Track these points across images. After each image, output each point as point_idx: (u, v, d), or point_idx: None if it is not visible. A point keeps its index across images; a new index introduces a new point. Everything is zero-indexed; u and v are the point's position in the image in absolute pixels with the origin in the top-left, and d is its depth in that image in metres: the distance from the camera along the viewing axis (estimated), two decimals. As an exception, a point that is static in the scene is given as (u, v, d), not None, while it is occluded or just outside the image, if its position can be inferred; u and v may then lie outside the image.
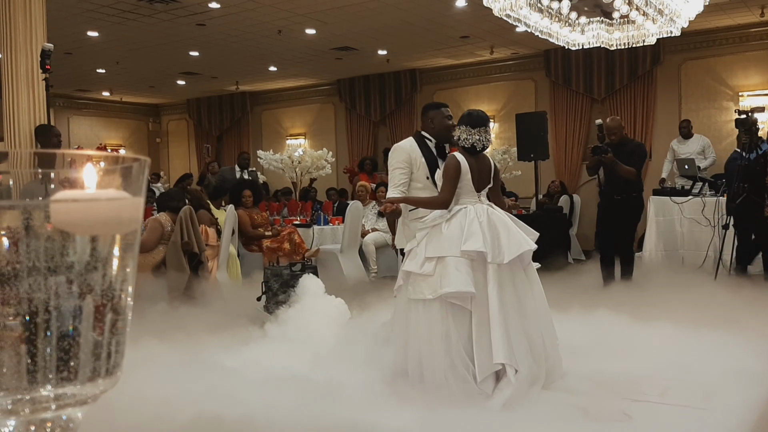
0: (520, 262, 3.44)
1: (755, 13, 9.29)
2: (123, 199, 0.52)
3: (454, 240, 3.37)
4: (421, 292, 3.39)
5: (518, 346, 3.29)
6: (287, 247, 7.34)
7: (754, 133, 6.22)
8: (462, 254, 3.33)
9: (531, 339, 3.38)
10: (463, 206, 3.51)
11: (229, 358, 3.89)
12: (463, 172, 3.56)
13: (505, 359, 3.23)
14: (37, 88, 5.76)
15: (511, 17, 6.62)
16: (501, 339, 3.24)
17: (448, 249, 3.35)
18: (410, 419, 2.97)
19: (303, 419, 2.91)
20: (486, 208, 3.52)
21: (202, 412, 2.85)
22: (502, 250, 3.35)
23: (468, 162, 3.59)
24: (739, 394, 3.23)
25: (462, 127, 3.65)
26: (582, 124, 11.27)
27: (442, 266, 3.34)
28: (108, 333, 0.52)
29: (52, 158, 0.56)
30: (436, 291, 3.32)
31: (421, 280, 3.40)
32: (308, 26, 9.31)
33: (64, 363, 0.49)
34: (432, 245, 3.42)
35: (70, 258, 0.49)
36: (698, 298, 5.15)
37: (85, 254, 0.50)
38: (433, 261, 3.38)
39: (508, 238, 3.38)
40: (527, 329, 3.37)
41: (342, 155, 13.15)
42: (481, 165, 3.66)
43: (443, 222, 3.47)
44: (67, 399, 0.50)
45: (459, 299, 3.32)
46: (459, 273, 3.30)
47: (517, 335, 3.31)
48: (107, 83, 13.31)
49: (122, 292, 0.53)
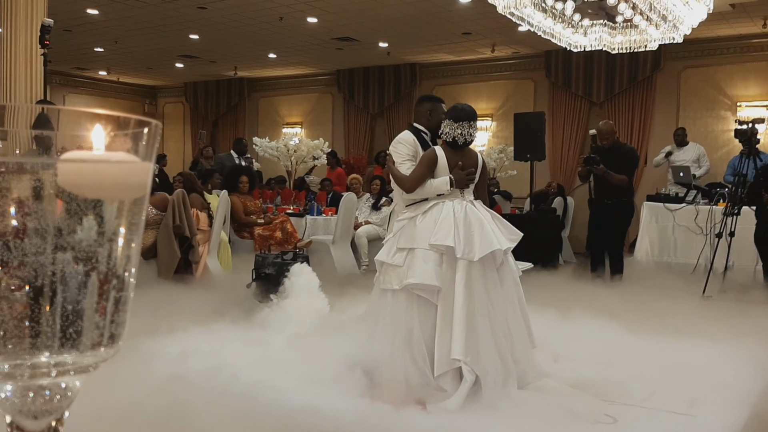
0: (493, 261, 3.40)
1: (758, 24, 9.31)
2: (132, 162, 0.50)
3: (425, 233, 3.37)
4: (389, 282, 3.40)
5: (483, 344, 3.26)
6: (279, 236, 7.31)
7: (753, 145, 6.26)
8: (431, 247, 3.33)
9: (497, 338, 3.33)
10: (441, 201, 3.48)
11: (212, 343, 3.86)
12: (440, 166, 3.54)
13: (461, 356, 3.20)
14: (35, 63, 5.71)
15: (514, 15, 6.61)
16: (460, 336, 3.22)
17: (419, 241, 3.37)
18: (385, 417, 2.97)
19: (259, 405, 2.91)
20: (466, 204, 3.48)
21: (178, 395, 2.84)
22: (473, 247, 3.32)
23: (448, 156, 3.57)
24: (725, 401, 3.24)
25: (446, 121, 3.64)
26: (580, 127, 11.28)
27: (411, 258, 3.36)
28: (111, 303, 0.50)
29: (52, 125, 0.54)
30: (402, 281, 3.33)
31: (391, 271, 3.41)
32: (310, 14, 9.26)
33: (65, 330, 0.47)
34: (404, 237, 3.44)
35: (76, 223, 0.48)
36: (687, 308, 5.17)
37: (92, 220, 0.48)
38: (404, 252, 3.39)
39: (481, 236, 3.35)
40: (494, 328, 3.33)
41: (338, 146, 13.12)
42: (465, 160, 3.62)
43: (419, 215, 3.47)
44: (67, 366, 0.48)
45: (425, 292, 3.32)
46: (426, 265, 3.30)
47: (483, 333, 3.27)
48: (105, 62, 13.22)
49: (127, 262, 0.51)
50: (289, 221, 7.52)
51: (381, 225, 8.24)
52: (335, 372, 3.36)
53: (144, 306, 4.20)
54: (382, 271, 3.50)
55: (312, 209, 8.31)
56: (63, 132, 0.51)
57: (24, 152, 0.57)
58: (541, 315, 4.34)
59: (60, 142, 0.51)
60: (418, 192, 3.58)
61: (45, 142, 0.51)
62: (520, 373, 3.40)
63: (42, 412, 0.49)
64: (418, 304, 3.33)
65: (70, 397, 0.51)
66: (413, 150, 3.79)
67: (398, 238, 3.47)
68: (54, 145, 0.51)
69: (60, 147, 0.51)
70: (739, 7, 8.42)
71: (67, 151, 0.50)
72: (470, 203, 3.51)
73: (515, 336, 3.43)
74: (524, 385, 3.39)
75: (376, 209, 8.36)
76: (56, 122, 0.52)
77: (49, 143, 0.51)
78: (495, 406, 3.15)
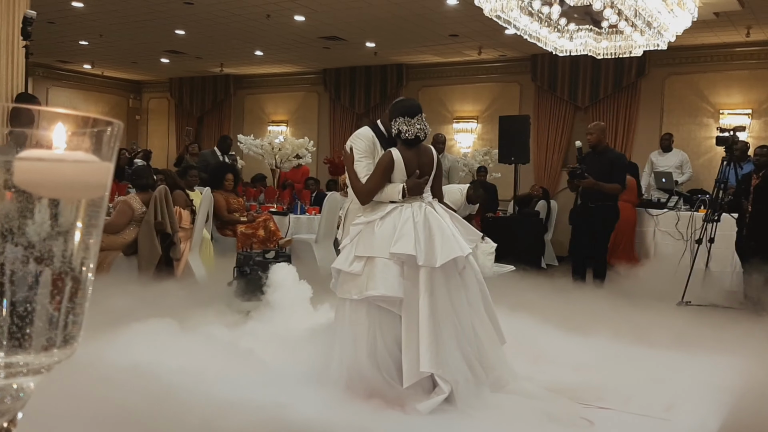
0: (455, 266, 3.25)
1: (741, 33, 9.40)
2: (91, 162, 0.50)
3: (385, 240, 3.21)
4: (348, 291, 3.25)
5: (450, 353, 3.15)
6: (262, 234, 7.28)
7: (734, 152, 6.32)
8: (391, 256, 3.19)
9: (463, 346, 3.23)
10: (400, 205, 3.34)
11: (191, 341, 3.85)
12: (397, 169, 3.40)
13: (432, 368, 3.08)
14: (16, 55, 5.65)
15: (501, 19, 6.63)
16: (429, 347, 3.08)
17: (379, 249, 3.21)
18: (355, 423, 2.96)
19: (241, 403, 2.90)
20: (425, 207, 3.33)
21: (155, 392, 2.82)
22: (435, 253, 3.16)
23: (405, 156, 3.41)
24: (702, 406, 3.27)
25: (400, 119, 3.41)
26: (564, 131, 11.34)
27: (371, 267, 3.20)
28: (66, 303, 0.49)
29: (30, 118, 0.53)
30: (362, 292, 3.18)
31: (350, 279, 3.26)
32: (298, 13, 9.24)
33: (17, 331, 0.47)
34: (362, 243, 3.27)
35: (30, 221, 0.47)
36: (665, 313, 5.21)
37: (46, 218, 0.47)
38: (363, 260, 3.23)
39: (442, 241, 3.20)
40: (459, 336, 3.22)
41: (323, 145, 13.10)
42: (422, 158, 3.46)
43: (377, 219, 3.30)
44: (18, 367, 0.47)
45: (386, 303, 3.18)
46: (387, 275, 3.16)
47: (448, 342, 3.16)
48: (89, 56, 13.11)
49: (84, 261, 0.50)
50: (272, 219, 7.49)
51: (364, 225, 8.23)
52: (308, 374, 3.35)
53: (121, 302, 4.17)
54: (339, 280, 3.34)
55: (295, 208, 8.29)
56: (38, 130, 0.51)
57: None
58: (519, 318, 4.35)
59: (36, 138, 0.50)
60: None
61: (19, 138, 0.50)
62: (494, 378, 3.33)
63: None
64: (381, 314, 3.21)
65: (23, 399, 0.50)
66: (370, 146, 3.59)
67: (356, 244, 3.30)
68: (28, 142, 0.50)
69: (35, 142, 0.50)
70: (723, 16, 8.50)
71: (43, 147, 0.50)
72: (429, 205, 3.37)
73: (484, 341, 3.33)
74: (499, 388, 3.34)
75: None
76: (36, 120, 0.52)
77: (23, 139, 0.50)
78: (470, 409, 3.14)
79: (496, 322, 3.46)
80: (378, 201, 3.41)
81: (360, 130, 3.69)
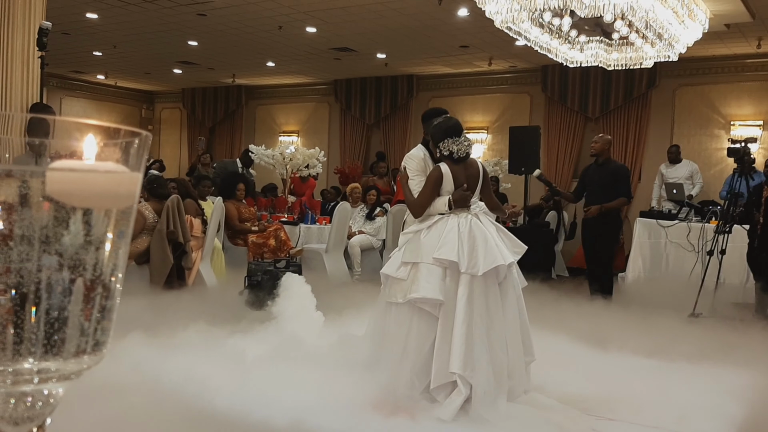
0: (496, 276, 3.41)
1: (752, 45, 9.38)
2: (121, 172, 0.51)
3: (430, 247, 3.40)
4: (394, 295, 3.45)
5: (479, 358, 3.27)
6: (273, 244, 7.31)
7: (745, 163, 6.29)
8: (435, 261, 3.35)
9: (495, 353, 3.35)
10: (447, 216, 3.50)
11: (204, 351, 3.86)
12: (446, 182, 3.57)
13: (460, 369, 3.22)
14: (32, 66, 5.72)
15: (512, 30, 6.65)
16: (460, 349, 3.24)
17: (423, 255, 3.39)
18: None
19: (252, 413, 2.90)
20: (471, 218, 3.49)
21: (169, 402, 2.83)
22: (477, 261, 3.33)
23: (453, 170, 3.59)
24: (713, 418, 3.25)
25: (449, 141, 3.59)
26: (575, 142, 11.33)
27: (415, 272, 3.39)
28: (96, 311, 0.51)
29: (46, 129, 0.54)
30: (406, 295, 3.36)
31: (396, 284, 3.46)
32: (309, 24, 9.29)
33: (50, 337, 0.48)
34: (409, 251, 3.47)
35: (64, 231, 0.48)
36: (676, 325, 5.18)
37: (79, 228, 0.48)
38: (408, 266, 3.43)
39: (485, 250, 3.36)
40: (492, 344, 3.35)
41: (334, 155, 13.13)
42: (469, 171, 3.64)
43: (424, 229, 3.50)
44: (50, 373, 0.48)
45: (428, 305, 3.35)
46: (429, 279, 3.34)
47: (479, 348, 3.29)
48: (103, 66, 13.22)
49: (114, 270, 0.52)
50: (283, 229, 7.52)
51: (375, 235, 8.25)
52: (320, 382, 3.36)
53: (132, 311, 4.19)
54: (387, 285, 3.54)
55: (306, 218, 8.31)
56: (56, 139, 0.52)
57: (16, 156, 0.57)
58: (532, 329, 4.34)
59: (53, 148, 0.52)
60: None
61: (38, 147, 0.52)
62: (511, 387, 3.41)
63: (23, 419, 0.49)
64: (419, 317, 3.37)
65: (52, 404, 0.51)
66: (422, 165, 3.79)
67: (403, 252, 3.51)
68: (47, 151, 0.51)
69: (54, 152, 0.51)
70: (734, 27, 8.49)
71: (60, 156, 0.51)
72: (475, 217, 3.52)
73: (511, 352, 3.44)
74: (513, 399, 3.40)
75: (370, 219, 8.37)
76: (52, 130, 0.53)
77: (41, 148, 0.52)
78: (483, 419, 3.16)
79: (528, 337, 3.57)
80: (429, 214, 3.58)
81: (412, 151, 3.92)
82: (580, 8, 5.87)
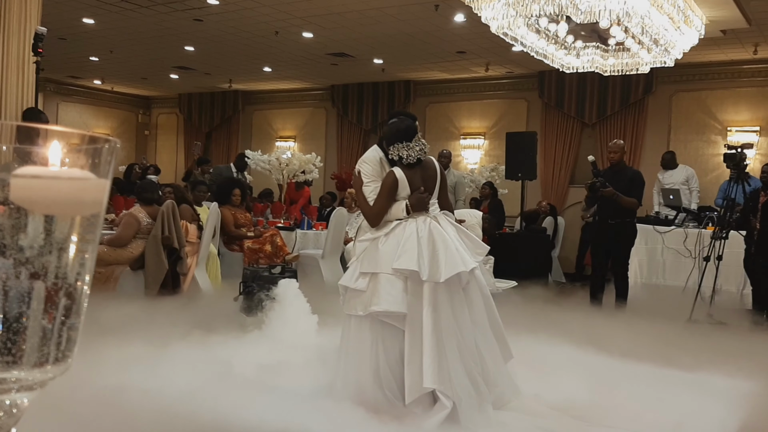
0: (459, 281, 3.24)
1: (749, 50, 9.40)
2: (87, 179, 0.50)
3: (388, 256, 3.22)
4: (353, 307, 3.27)
5: (453, 369, 3.13)
6: (269, 249, 7.29)
7: (741, 169, 6.29)
8: (394, 272, 3.19)
9: (466, 362, 3.20)
10: (404, 220, 3.35)
11: (198, 357, 3.84)
12: (401, 187, 3.40)
13: (434, 384, 3.07)
14: (27, 71, 5.71)
15: (508, 36, 6.66)
16: (432, 363, 3.07)
17: (383, 265, 3.22)
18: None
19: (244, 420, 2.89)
20: (429, 221, 3.32)
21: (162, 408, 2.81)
22: (439, 268, 3.16)
23: (407, 174, 3.40)
24: (710, 425, 3.23)
25: (398, 145, 3.40)
26: (571, 147, 11.33)
27: (375, 283, 3.22)
28: (59, 319, 0.49)
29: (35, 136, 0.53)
30: (366, 308, 3.20)
31: (355, 296, 3.28)
32: (306, 29, 9.30)
33: (10, 347, 0.47)
34: (367, 260, 3.30)
35: (25, 237, 0.47)
36: (673, 331, 5.16)
37: (40, 234, 0.47)
38: (367, 277, 3.25)
39: (446, 256, 3.18)
40: (462, 352, 3.20)
41: (330, 161, 13.13)
42: (426, 173, 3.46)
43: (381, 236, 3.32)
44: (11, 384, 0.47)
45: (390, 318, 3.19)
46: (391, 291, 3.17)
47: (451, 358, 3.14)
48: (99, 72, 13.22)
49: (78, 277, 0.51)
50: (279, 235, 7.50)
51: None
52: (313, 391, 3.33)
53: (125, 316, 4.17)
54: (345, 296, 3.37)
55: (302, 223, 8.29)
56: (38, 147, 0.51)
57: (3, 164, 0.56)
58: (528, 335, 4.33)
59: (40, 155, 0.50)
60: None
61: (24, 156, 0.51)
62: (497, 395, 3.31)
63: (-16, 430, 0.48)
64: (383, 329, 3.22)
65: (16, 414, 0.50)
66: (378, 169, 3.57)
67: (361, 261, 3.33)
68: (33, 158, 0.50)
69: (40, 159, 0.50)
70: (731, 33, 8.51)
71: (45, 164, 0.50)
72: (434, 219, 3.37)
73: (487, 358, 3.30)
74: (502, 405, 3.31)
75: (366, 225, 8.35)
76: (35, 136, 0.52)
77: (27, 156, 0.51)
78: (473, 426, 3.10)
79: (502, 337, 3.43)
80: (386, 220, 3.41)
81: (366, 154, 3.68)
82: (576, 14, 5.88)
